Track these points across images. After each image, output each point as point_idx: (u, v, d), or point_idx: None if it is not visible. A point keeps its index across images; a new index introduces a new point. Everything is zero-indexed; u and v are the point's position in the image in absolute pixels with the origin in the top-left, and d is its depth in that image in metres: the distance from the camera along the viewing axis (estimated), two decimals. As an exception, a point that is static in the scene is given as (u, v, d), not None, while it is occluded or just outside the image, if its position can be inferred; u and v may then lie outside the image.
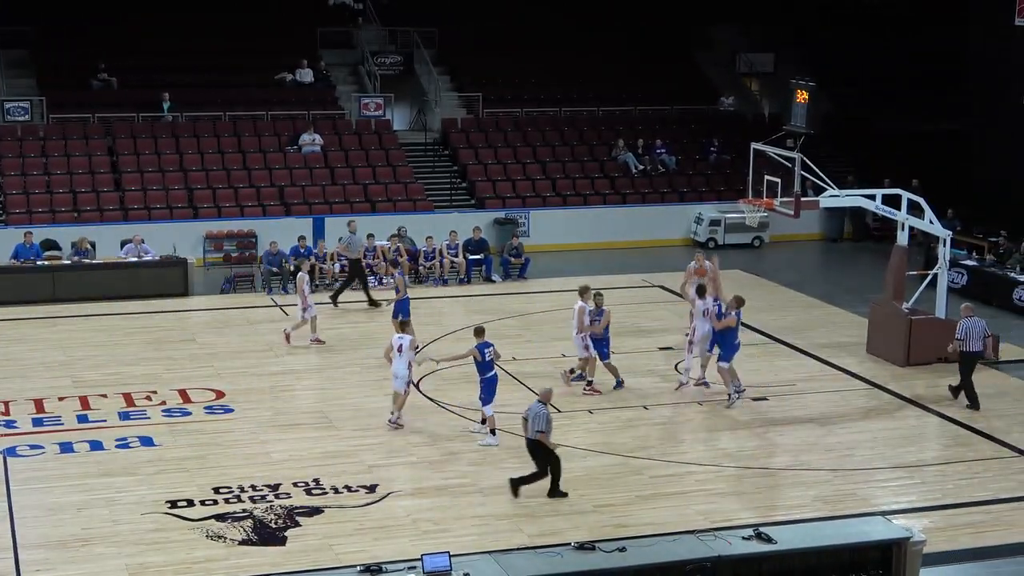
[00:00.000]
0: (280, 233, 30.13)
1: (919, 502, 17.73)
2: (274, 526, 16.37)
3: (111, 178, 33.25)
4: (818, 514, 16.92)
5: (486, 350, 19.36)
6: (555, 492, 17.30)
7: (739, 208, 30.56)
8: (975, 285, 29.47)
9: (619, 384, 21.99)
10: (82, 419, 20.31)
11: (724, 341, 21.42)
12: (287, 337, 24.60)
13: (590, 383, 21.89)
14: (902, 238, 24.25)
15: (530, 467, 17.41)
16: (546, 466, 17.30)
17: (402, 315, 22.86)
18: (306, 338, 24.60)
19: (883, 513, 16.12)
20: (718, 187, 36.45)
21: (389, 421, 20.16)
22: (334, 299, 27.69)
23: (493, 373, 19.44)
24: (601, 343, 21.77)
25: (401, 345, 20.09)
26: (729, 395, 21.35)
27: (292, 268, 28.14)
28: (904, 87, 41.11)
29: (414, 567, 13.28)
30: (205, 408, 20.97)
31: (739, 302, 21.63)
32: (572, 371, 22.29)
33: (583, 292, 21.98)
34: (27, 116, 34.00)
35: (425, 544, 15.59)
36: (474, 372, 19.58)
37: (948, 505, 17.58)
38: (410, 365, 20.13)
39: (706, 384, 22.09)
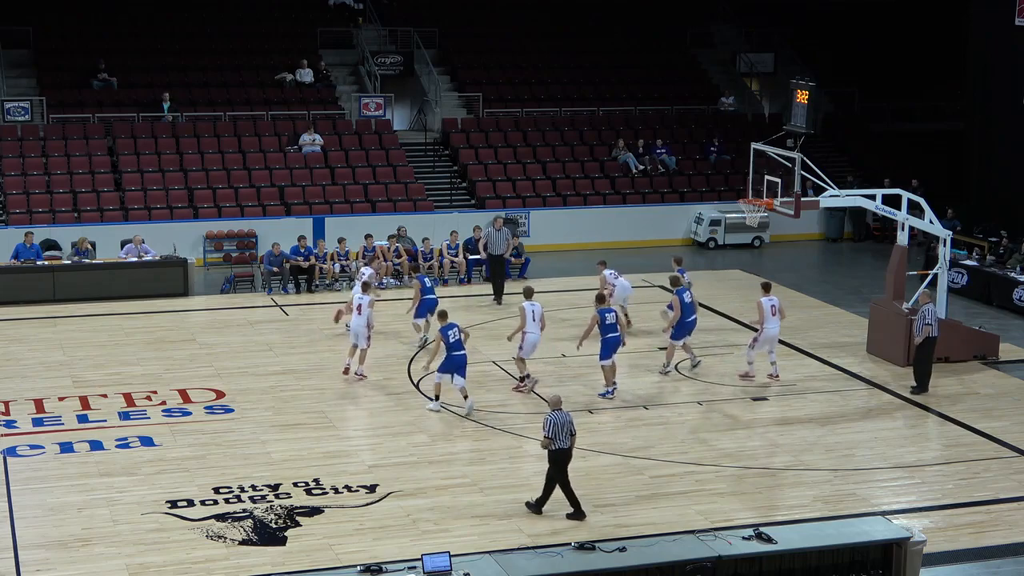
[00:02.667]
0: (280, 233, 30.14)
1: (919, 502, 17.73)
2: (274, 526, 16.37)
3: (111, 178, 33.24)
4: (818, 514, 16.92)
5: (449, 332, 20.30)
6: (541, 505, 16.86)
7: (739, 208, 30.55)
8: (975, 285, 29.47)
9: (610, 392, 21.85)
10: (82, 419, 20.31)
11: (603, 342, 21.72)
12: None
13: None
14: (902, 238, 24.26)
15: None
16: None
17: (428, 313, 23.80)
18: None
19: (883, 513, 16.15)
20: (718, 187, 36.45)
21: (356, 373, 22.24)
22: (497, 298, 28.16)
23: (461, 353, 20.28)
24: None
25: (360, 305, 22.10)
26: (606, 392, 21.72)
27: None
28: (904, 87, 41.14)
29: (414, 567, 13.29)
30: (205, 408, 20.97)
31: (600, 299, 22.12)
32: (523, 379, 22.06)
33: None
34: (27, 116, 34.01)
35: (425, 544, 15.61)
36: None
37: (948, 505, 17.58)
38: (368, 324, 22.15)
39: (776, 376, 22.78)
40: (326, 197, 33.65)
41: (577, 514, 16.65)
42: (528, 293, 22.37)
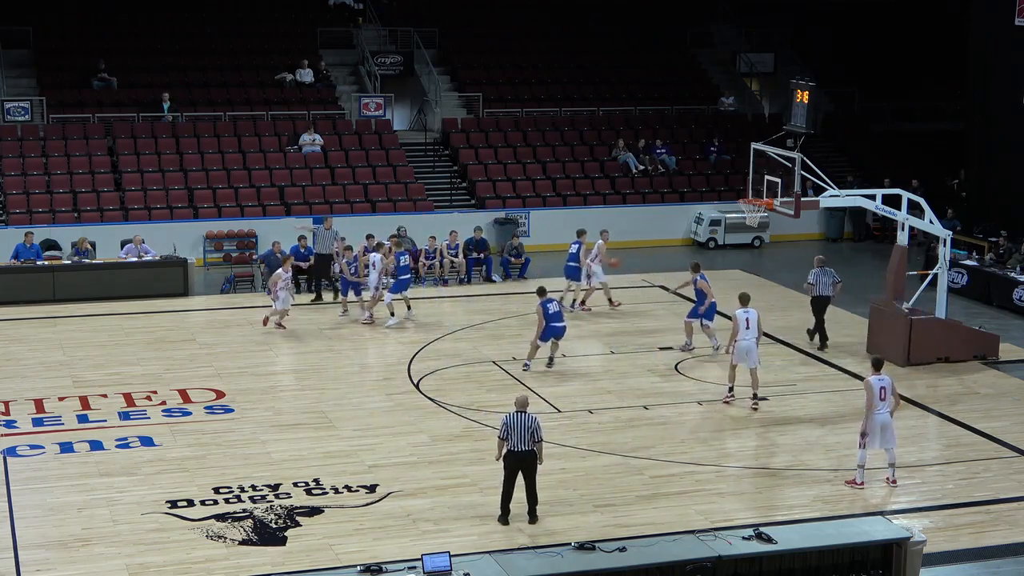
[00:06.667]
0: (280, 233, 30.12)
1: (919, 502, 17.73)
2: (274, 526, 16.37)
3: (111, 178, 33.24)
4: (818, 514, 16.92)
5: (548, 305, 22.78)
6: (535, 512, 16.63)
7: (739, 208, 30.54)
8: (975, 285, 29.45)
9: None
10: (82, 419, 20.31)
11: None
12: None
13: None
14: (902, 238, 24.26)
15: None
16: (535, 479, 16.49)
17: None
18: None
19: (883, 513, 16.14)
20: (718, 187, 36.45)
21: (363, 321, 26.01)
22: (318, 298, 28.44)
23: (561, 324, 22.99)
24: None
25: (375, 262, 25.97)
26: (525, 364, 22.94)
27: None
28: (904, 87, 41.12)
29: (414, 567, 13.29)
30: (205, 408, 20.97)
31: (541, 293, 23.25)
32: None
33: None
34: (27, 116, 34.01)
35: (425, 544, 15.60)
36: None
37: (948, 505, 17.58)
38: (380, 278, 25.99)
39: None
40: (326, 197, 33.64)
41: (502, 519, 16.46)
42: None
